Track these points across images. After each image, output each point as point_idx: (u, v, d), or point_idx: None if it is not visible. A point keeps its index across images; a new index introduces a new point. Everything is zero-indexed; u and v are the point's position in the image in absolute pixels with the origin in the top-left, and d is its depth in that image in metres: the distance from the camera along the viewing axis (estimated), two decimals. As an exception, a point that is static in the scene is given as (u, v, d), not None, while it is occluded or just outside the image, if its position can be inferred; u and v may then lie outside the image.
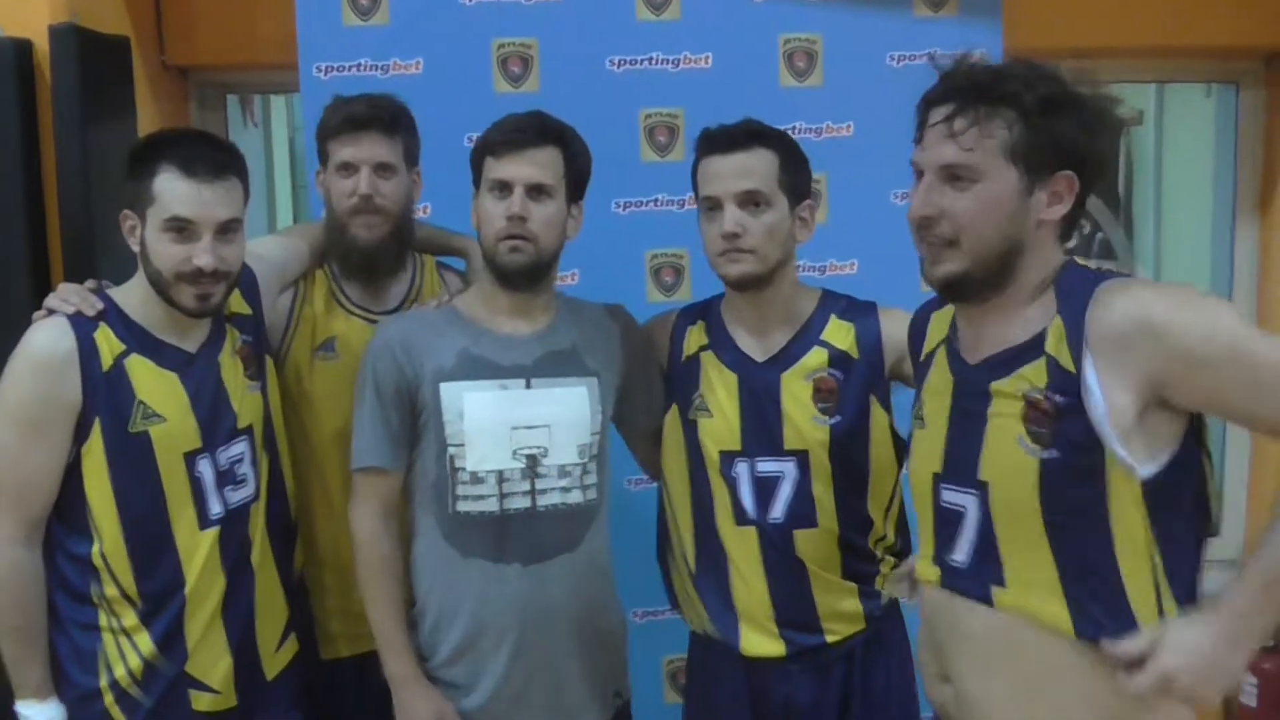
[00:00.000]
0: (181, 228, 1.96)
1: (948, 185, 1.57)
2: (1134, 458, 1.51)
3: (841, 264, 2.83)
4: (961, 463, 1.66)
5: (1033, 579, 1.59)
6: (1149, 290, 1.55)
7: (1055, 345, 1.55)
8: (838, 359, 2.13)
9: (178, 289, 1.98)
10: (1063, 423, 1.53)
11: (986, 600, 1.63)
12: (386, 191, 2.28)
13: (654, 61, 2.79)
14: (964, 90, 1.57)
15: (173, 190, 1.96)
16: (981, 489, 1.63)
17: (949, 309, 1.78)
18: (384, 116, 2.29)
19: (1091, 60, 3.51)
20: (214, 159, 2.00)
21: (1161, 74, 3.79)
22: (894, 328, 2.10)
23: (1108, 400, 1.50)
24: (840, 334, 2.16)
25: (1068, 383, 1.53)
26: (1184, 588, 1.56)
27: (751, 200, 2.07)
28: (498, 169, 2.07)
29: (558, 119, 2.13)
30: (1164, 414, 1.52)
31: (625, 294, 2.46)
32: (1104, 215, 4.09)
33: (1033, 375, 1.57)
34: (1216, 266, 3.82)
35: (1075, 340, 1.53)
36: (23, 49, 2.66)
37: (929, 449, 1.73)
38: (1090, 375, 1.51)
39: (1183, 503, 1.56)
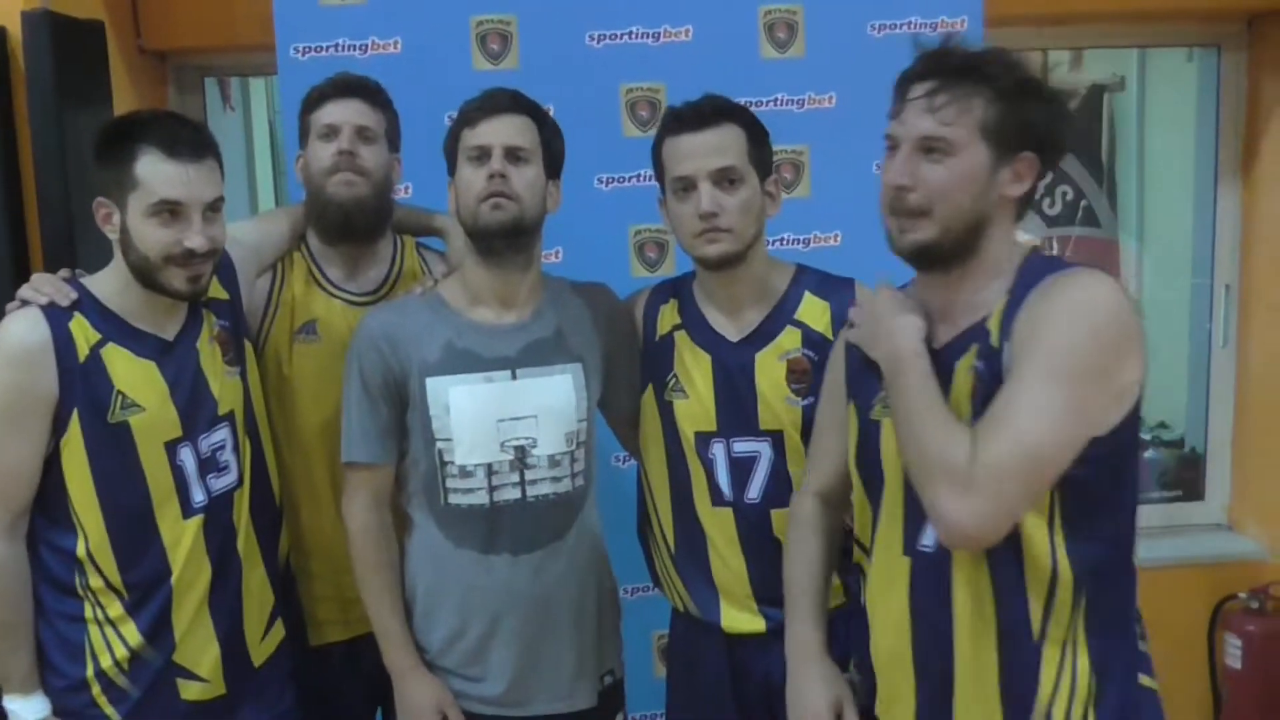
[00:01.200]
0: (171, 210, 1.94)
1: (922, 157, 1.64)
2: None
3: (825, 235, 2.82)
4: None
5: None
6: (1078, 286, 1.57)
7: (993, 322, 1.62)
8: (812, 339, 2.12)
9: (167, 272, 1.96)
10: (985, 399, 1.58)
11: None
12: (367, 155, 2.27)
13: (634, 35, 2.76)
14: (946, 69, 1.63)
15: (158, 173, 1.93)
16: None
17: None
18: (369, 86, 2.31)
19: (1072, 25, 3.53)
20: (194, 138, 1.98)
21: (1143, 38, 3.79)
22: None
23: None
24: (815, 312, 2.14)
25: (993, 359, 1.59)
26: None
27: (726, 178, 2.04)
28: (474, 136, 2.06)
29: (529, 97, 2.13)
30: None
31: (609, 270, 2.45)
32: (1087, 182, 4.09)
33: (975, 354, 1.63)
34: (1199, 231, 3.84)
35: (1008, 319, 1.59)
36: (-5, 35, 2.64)
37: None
38: (1006, 354, 1.57)
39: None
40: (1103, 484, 1.58)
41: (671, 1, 2.77)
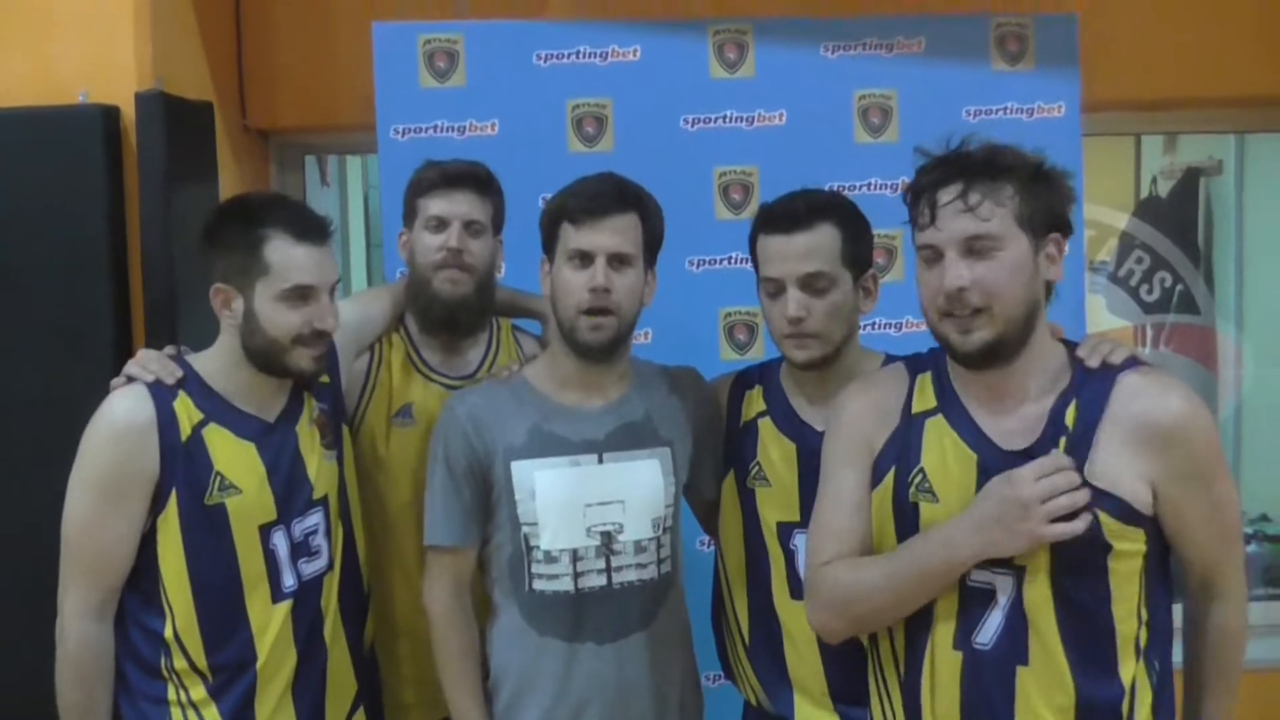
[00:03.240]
0: (303, 294, 1.96)
1: (968, 259, 1.65)
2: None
3: (917, 321, 2.75)
4: None
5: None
6: (1171, 390, 1.69)
7: (1070, 419, 1.67)
8: None
9: (295, 354, 1.98)
10: None
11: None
12: (475, 249, 2.28)
13: (728, 119, 2.79)
14: (969, 169, 1.67)
15: (290, 258, 1.95)
16: (1018, 571, 1.68)
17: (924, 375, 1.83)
18: (479, 176, 2.32)
19: (1170, 110, 3.49)
20: (318, 222, 2.01)
21: (1241, 124, 3.73)
22: None
23: (1121, 480, 1.65)
24: None
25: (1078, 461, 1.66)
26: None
27: (815, 284, 2.00)
28: (577, 238, 2.02)
29: (632, 182, 2.10)
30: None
31: (698, 353, 2.45)
32: (1184, 266, 4.01)
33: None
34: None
35: (1087, 418, 1.67)
36: (110, 115, 2.72)
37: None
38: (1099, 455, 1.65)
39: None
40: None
41: (766, 86, 2.80)
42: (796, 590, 2.06)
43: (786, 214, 2.03)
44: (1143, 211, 4.19)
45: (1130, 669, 1.67)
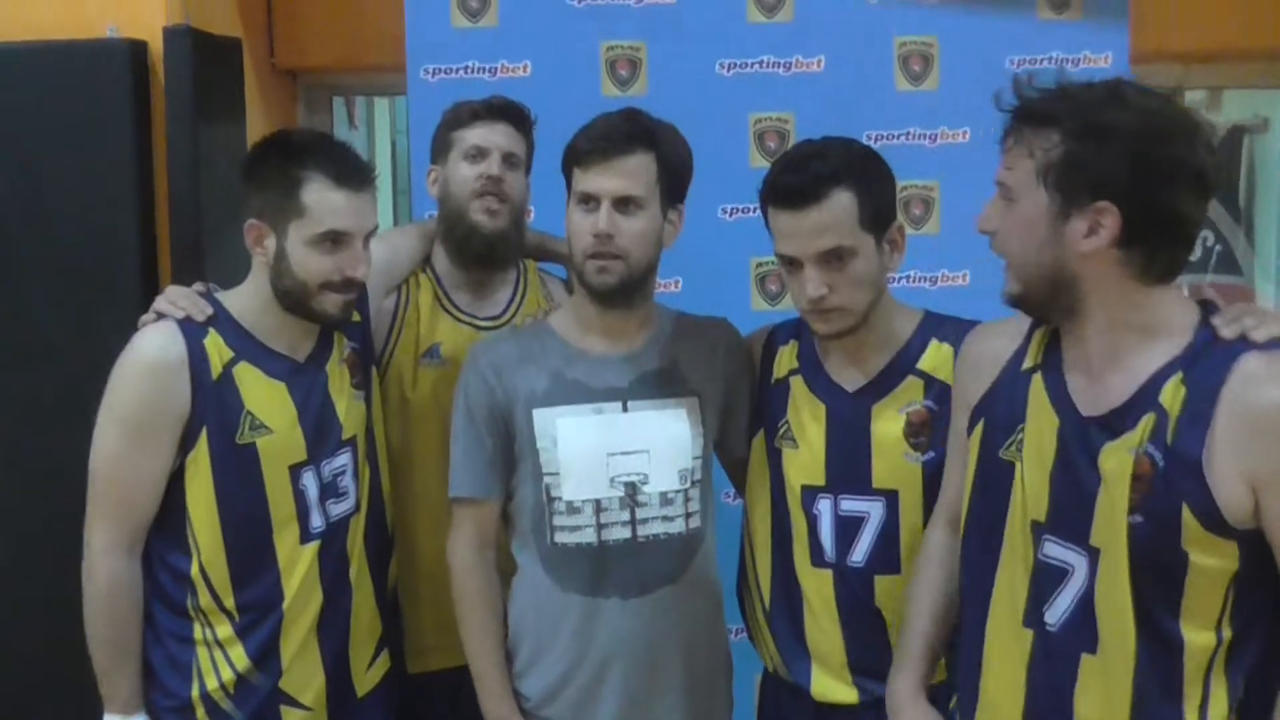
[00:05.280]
0: (337, 240, 1.93)
1: (1002, 202, 1.57)
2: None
3: (953, 275, 2.74)
4: (1072, 518, 1.56)
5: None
6: None
7: (1170, 401, 1.47)
8: (934, 389, 1.98)
9: (322, 298, 1.95)
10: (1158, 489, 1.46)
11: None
12: (512, 181, 2.27)
13: (765, 65, 2.72)
14: (1020, 112, 1.55)
15: (327, 202, 1.91)
16: (1093, 553, 1.53)
17: (1040, 330, 1.69)
18: (520, 111, 2.32)
19: (1217, 63, 3.40)
20: (360, 166, 1.97)
21: (1289, 79, 3.64)
22: None
23: (1216, 480, 1.43)
24: (939, 359, 1.99)
25: (1171, 454, 1.46)
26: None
27: (834, 257, 1.88)
28: (583, 180, 1.97)
29: (651, 118, 2.02)
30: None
31: (729, 303, 2.40)
32: (1225, 223, 3.94)
33: (1147, 434, 1.49)
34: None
35: (1194, 406, 1.45)
36: (138, 50, 2.70)
37: (1032, 492, 1.62)
38: (1204, 449, 1.43)
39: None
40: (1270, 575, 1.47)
41: (804, 30, 2.73)
42: (818, 558, 2.01)
43: (795, 188, 1.89)
44: (1184, 169, 4.11)
45: (1198, 686, 1.48)
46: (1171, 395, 1.47)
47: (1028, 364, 1.67)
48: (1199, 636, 1.46)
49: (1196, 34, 3.20)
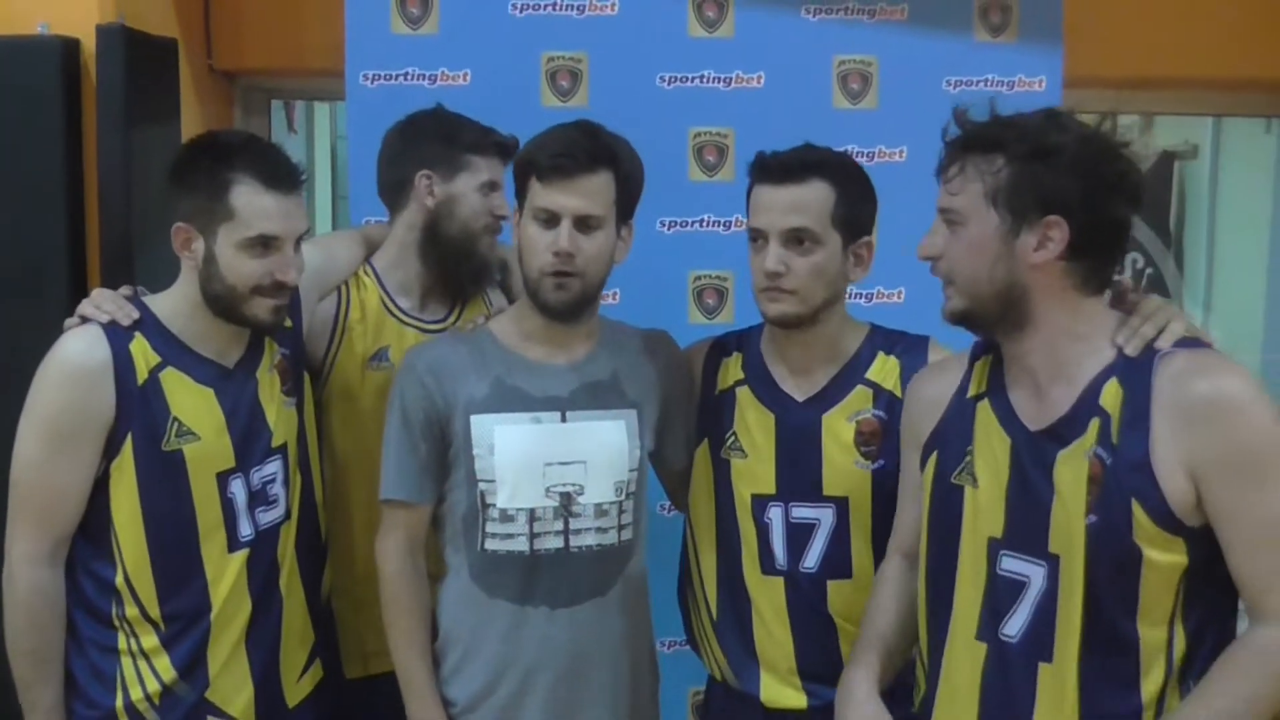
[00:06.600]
0: (267, 244, 1.90)
1: (945, 228, 1.64)
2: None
3: (889, 292, 2.76)
4: (1029, 530, 1.62)
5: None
6: (1221, 367, 1.55)
7: (1110, 403, 1.56)
8: (882, 399, 2.02)
9: (252, 303, 1.93)
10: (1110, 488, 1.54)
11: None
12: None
13: (705, 79, 2.74)
14: (960, 141, 1.63)
15: (256, 205, 1.89)
16: (1052, 561, 1.59)
17: (980, 360, 1.76)
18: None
19: (1149, 90, 3.47)
20: (290, 170, 1.94)
21: (1220, 107, 3.74)
22: None
23: (1163, 475, 1.51)
24: (886, 371, 2.04)
25: (1117, 453, 1.54)
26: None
27: (797, 238, 1.95)
28: (544, 196, 1.95)
29: (609, 133, 2.02)
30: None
31: (666, 315, 2.42)
32: (1155, 247, 4.03)
33: (1094, 437, 1.57)
34: (1271, 302, 3.75)
35: (1132, 406, 1.54)
36: (70, 47, 2.65)
37: (987, 511, 1.67)
38: (1148, 446, 1.52)
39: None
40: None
41: (745, 47, 2.75)
42: (768, 565, 2.03)
43: (780, 165, 1.98)
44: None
45: (1155, 685, 1.54)
46: (1111, 398, 1.56)
47: (972, 392, 1.74)
48: (1153, 633, 1.53)
49: (1129, 60, 3.26)
